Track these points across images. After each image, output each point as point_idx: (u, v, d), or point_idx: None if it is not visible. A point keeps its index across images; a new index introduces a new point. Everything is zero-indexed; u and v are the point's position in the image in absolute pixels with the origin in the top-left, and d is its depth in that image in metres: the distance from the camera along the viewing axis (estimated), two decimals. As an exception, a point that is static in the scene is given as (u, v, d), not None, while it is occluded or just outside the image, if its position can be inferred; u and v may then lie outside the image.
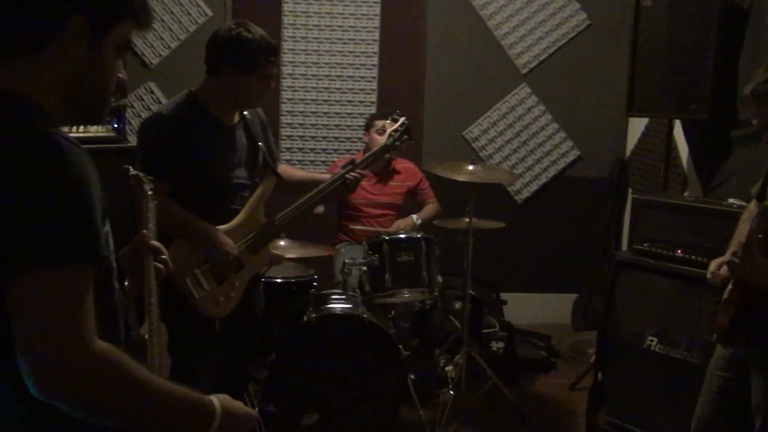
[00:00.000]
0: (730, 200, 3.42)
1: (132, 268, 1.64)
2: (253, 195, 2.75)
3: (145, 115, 4.93)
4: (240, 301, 2.73)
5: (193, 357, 2.60)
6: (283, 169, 3.01)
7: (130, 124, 4.69)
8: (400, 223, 4.23)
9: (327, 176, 3.04)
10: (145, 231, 1.69)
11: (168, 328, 2.53)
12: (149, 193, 1.89)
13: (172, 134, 2.51)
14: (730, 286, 2.29)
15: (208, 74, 2.65)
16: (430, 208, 4.41)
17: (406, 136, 3.15)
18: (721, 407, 2.46)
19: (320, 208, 4.07)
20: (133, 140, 4.54)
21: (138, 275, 1.64)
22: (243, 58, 2.55)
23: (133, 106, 4.85)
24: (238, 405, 1.34)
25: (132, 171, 1.97)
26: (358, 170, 2.92)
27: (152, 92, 4.96)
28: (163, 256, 1.70)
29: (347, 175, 2.90)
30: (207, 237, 2.58)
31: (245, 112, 2.76)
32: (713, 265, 2.39)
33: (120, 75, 1.33)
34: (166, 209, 2.44)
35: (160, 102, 4.96)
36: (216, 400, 1.29)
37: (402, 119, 3.14)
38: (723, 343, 2.42)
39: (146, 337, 1.61)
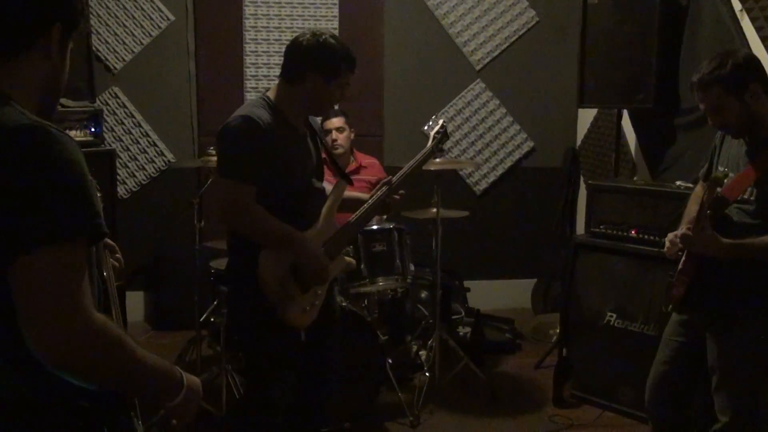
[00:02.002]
0: (678, 182, 3.69)
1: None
2: (328, 201, 2.72)
3: (111, 119, 4.99)
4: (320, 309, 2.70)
5: (278, 367, 2.61)
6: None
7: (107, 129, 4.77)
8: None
9: (361, 195, 2.99)
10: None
11: (253, 342, 2.62)
12: (99, 195, 1.96)
13: (260, 137, 2.45)
14: (683, 258, 2.52)
15: (287, 82, 2.59)
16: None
17: (446, 138, 3.19)
18: (675, 369, 2.67)
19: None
20: (107, 144, 4.64)
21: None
22: (329, 65, 2.55)
23: (102, 112, 4.89)
24: (197, 381, 1.47)
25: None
26: (399, 192, 2.88)
27: (117, 97, 5.02)
28: (117, 255, 1.81)
29: (390, 197, 2.84)
30: (301, 244, 2.52)
31: (309, 120, 2.76)
32: (670, 236, 2.59)
33: None
34: (259, 216, 2.45)
35: (125, 106, 5.03)
36: (183, 373, 1.43)
37: (441, 121, 3.17)
38: (678, 311, 2.64)
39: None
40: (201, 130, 5.13)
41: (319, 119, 3.04)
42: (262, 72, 5.16)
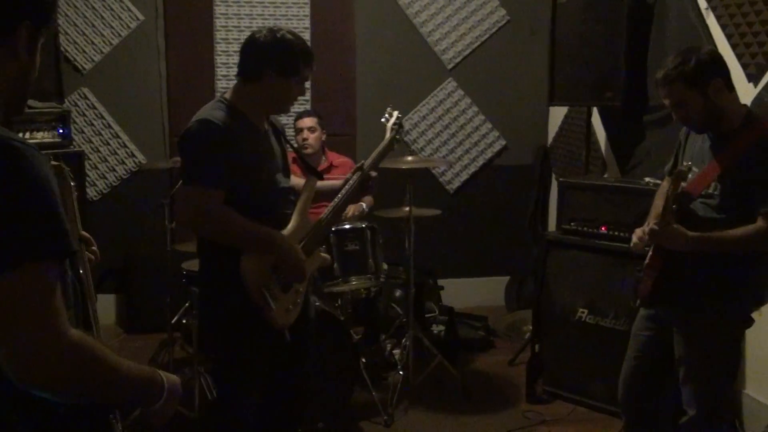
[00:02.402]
0: (646, 179, 3.73)
1: None
2: (300, 198, 2.71)
3: (80, 120, 4.94)
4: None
5: (256, 370, 2.60)
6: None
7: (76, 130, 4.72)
8: (350, 208, 4.24)
9: (334, 182, 3.03)
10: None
11: (238, 345, 2.56)
12: (72, 184, 1.95)
13: (223, 141, 2.41)
14: (650, 253, 2.55)
15: (245, 80, 2.54)
16: (368, 200, 4.52)
17: (402, 129, 3.21)
18: (645, 363, 2.71)
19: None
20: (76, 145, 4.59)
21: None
22: (287, 61, 2.50)
23: (70, 113, 4.84)
24: (176, 380, 1.45)
25: (53, 161, 2.00)
26: (372, 173, 2.91)
27: (86, 98, 4.96)
28: (93, 248, 1.79)
29: (365, 178, 2.87)
30: (281, 244, 2.51)
31: (271, 119, 2.72)
32: (638, 231, 2.63)
33: None
34: (230, 219, 2.42)
35: (94, 107, 4.98)
36: (164, 375, 1.42)
37: (396, 113, 3.19)
38: (646, 306, 2.68)
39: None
40: (172, 131, 5.08)
41: (282, 117, 3.01)
42: (233, 72, 5.04)
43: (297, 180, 2.88)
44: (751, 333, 2.63)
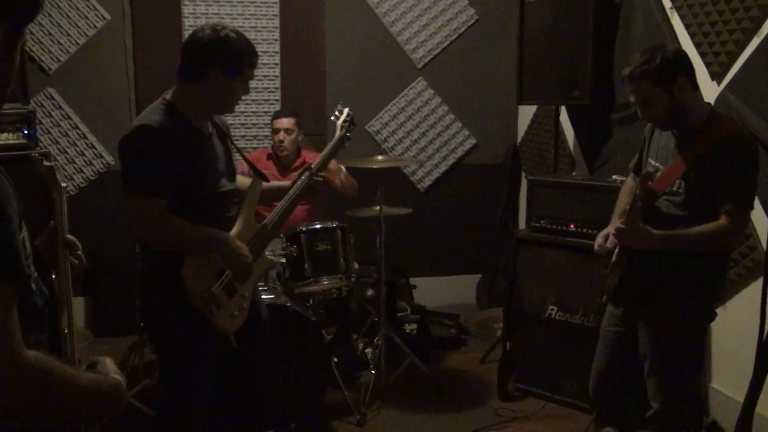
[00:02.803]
0: (614, 177, 3.78)
1: (47, 257, 1.70)
2: (245, 201, 2.66)
3: (46, 122, 4.87)
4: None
5: (202, 375, 2.56)
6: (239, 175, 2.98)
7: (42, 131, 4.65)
8: (333, 164, 4.07)
9: (280, 183, 2.99)
10: (53, 222, 1.73)
11: (181, 349, 2.53)
12: (62, 185, 1.93)
13: (162, 147, 2.35)
14: (616, 251, 2.59)
15: (188, 80, 2.48)
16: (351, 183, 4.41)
17: (353, 126, 3.20)
18: (615, 359, 2.75)
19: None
20: (42, 146, 4.53)
21: (53, 264, 1.69)
22: (231, 60, 2.44)
23: (34, 114, 4.77)
24: (117, 380, 1.42)
25: (45, 162, 1.98)
26: (320, 174, 2.92)
27: (52, 98, 4.89)
28: (78, 252, 1.75)
29: (315, 178, 2.87)
30: (225, 245, 2.46)
31: (215, 119, 2.67)
32: (599, 238, 2.67)
33: None
34: (174, 225, 2.38)
35: (61, 108, 4.91)
36: (121, 377, 1.40)
37: (346, 110, 3.16)
38: (612, 303, 2.72)
39: (65, 331, 1.67)
40: (140, 132, 5.03)
41: (257, 116, 3.00)
42: (202, 72, 5.08)
43: (243, 179, 2.85)
44: (716, 327, 2.69)
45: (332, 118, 3.17)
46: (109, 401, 1.35)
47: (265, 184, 2.79)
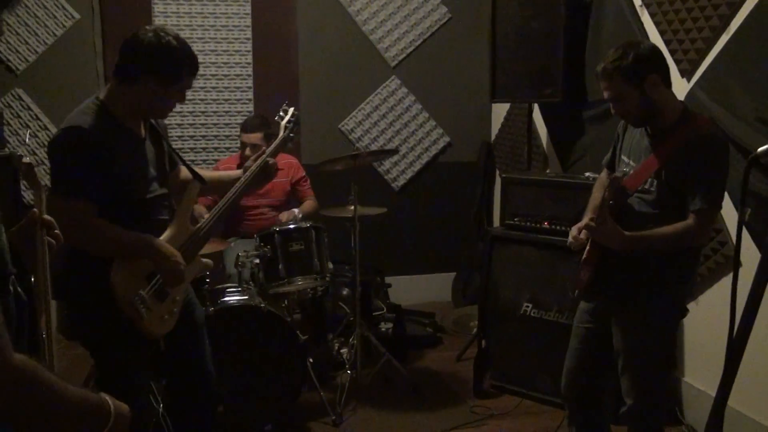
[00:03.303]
0: (587, 174, 3.80)
1: (23, 246, 1.67)
2: (181, 204, 2.60)
3: (15, 123, 4.80)
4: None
5: (136, 378, 2.51)
6: (185, 171, 2.91)
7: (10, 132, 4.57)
8: (283, 216, 4.31)
9: (236, 172, 2.94)
10: (35, 210, 1.70)
11: (109, 353, 2.47)
12: (42, 183, 1.90)
13: (92, 150, 2.27)
14: (588, 247, 2.60)
15: (121, 81, 2.38)
16: (309, 204, 4.50)
17: (297, 126, 3.16)
18: (587, 355, 2.75)
19: (200, 208, 4.08)
20: (10, 148, 4.45)
21: (30, 254, 1.67)
22: (169, 69, 2.36)
23: (1, 114, 4.70)
24: (124, 405, 1.39)
25: (25, 160, 1.95)
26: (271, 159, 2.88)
27: (21, 99, 4.82)
28: (56, 231, 1.73)
29: (268, 161, 2.85)
30: (156, 250, 2.41)
31: (151, 121, 2.60)
32: (574, 230, 2.67)
33: None
34: (105, 230, 2.33)
35: (29, 109, 4.84)
36: (110, 400, 1.35)
37: (291, 110, 3.14)
38: (584, 299, 2.73)
39: (43, 335, 1.64)
40: (111, 132, 4.97)
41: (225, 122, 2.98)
42: (173, 71, 5.04)
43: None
44: (688, 322, 2.71)
45: (276, 118, 3.13)
46: (92, 422, 1.29)
47: (214, 173, 2.79)
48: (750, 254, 2.78)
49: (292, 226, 3.78)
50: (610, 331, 2.64)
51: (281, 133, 3.05)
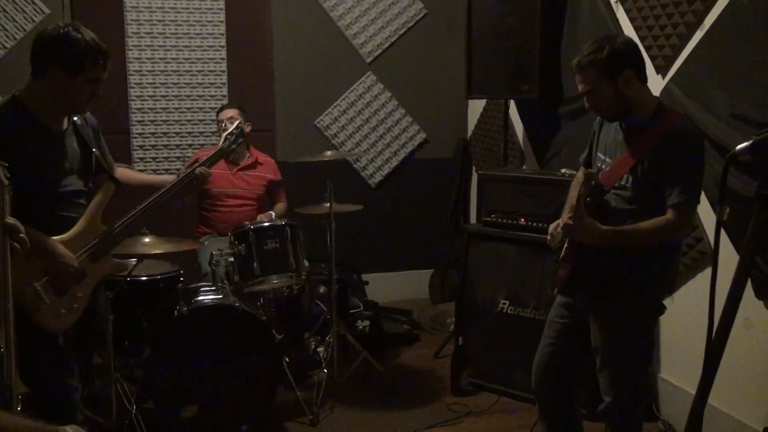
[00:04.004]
0: (563, 170, 3.79)
1: None
2: (92, 203, 2.64)
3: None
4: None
5: (34, 372, 2.42)
6: (122, 172, 2.98)
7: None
8: (261, 217, 4.26)
9: (169, 177, 2.99)
10: None
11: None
12: (6, 182, 1.86)
13: None
14: (565, 245, 2.59)
15: (33, 76, 2.50)
16: (282, 206, 4.51)
17: (241, 139, 3.24)
18: (559, 350, 2.73)
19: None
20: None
21: None
22: (70, 58, 2.44)
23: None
24: (78, 429, 1.37)
25: None
26: (204, 167, 2.96)
27: (-12, 95, 4.72)
28: (21, 235, 1.70)
29: (197, 171, 2.93)
30: (45, 249, 2.45)
31: (75, 118, 2.66)
32: (552, 227, 2.66)
33: None
34: None
35: (-3, 105, 4.74)
36: (71, 429, 1.33)
37: (237, 122, 3.22)
38: (562, 293, 2.71)
39: (2, 349, 1.60)
40: (82, 129, 4.89)
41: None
42: (146, 67, 4.97)
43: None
44: (664, 318, 2.70)
45: (221, 129, 3.22)
46: None
47: (145, 177, 2.94)
48: (726, 252, 2.78)
49: (266, 224, 3.73)
50: (586, 327, 2.63)
51: (221, 143, 3.13)
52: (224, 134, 3.20)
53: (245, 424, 3.45)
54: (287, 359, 3.71)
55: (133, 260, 3.36)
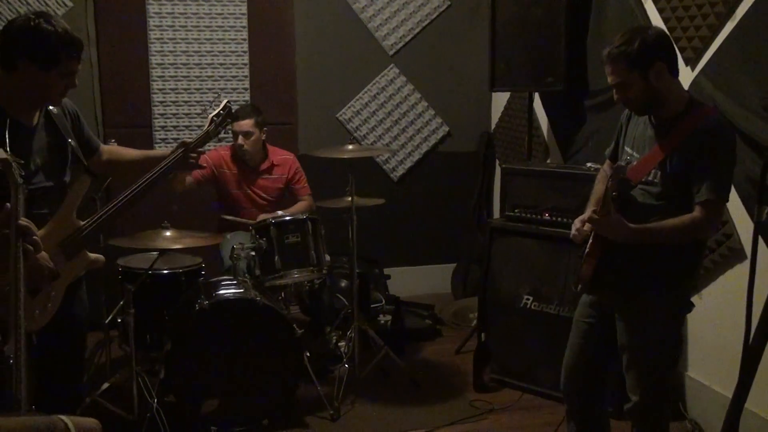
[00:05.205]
0: (588, 164, 3.73)
1: None
2: (66, 198, 2.48)
3: None
4: (58, 309, 2.47)
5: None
6: (110, 152, 2.83)
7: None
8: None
9: (160, 152, 2.81)
10: (8, 204, 1.63)
11: None
12: (21, 181, 1.82)
13: None
14: (590, 240, 2.53)
15: (2, 68, 2.34)
16: (304, 205, 4.37)
17: (229, 120, 3.03)
18: (587, 349, 2.69)
19: (189, 179, 3.94)
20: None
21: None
22: (43, 52, 2.29)
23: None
24: (91, 420, 1.34)
25: (2, 155, 1.88)
26: (198, 151, 2.79)
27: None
28: (34, 237, 1.64)
29: (190, 159, 2.76)
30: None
31: (51, 107, 2.51)
32: (577, 222, 2.61)
33: None
34: None
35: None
36: (67, 419, 1.29)
37: (224, 102, 3.00)
38: (587, 292, 2.66)
39: (11, 360, 1.55)
40: (106, 121, 4.91)
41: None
42: (168, 60, 4.96)
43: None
44: (691, 316, 2.64)
45: (208, 110, 3.02)
46: None
47: (136, 153, 2.78)
48: (759, 251, 2.71)
49: (288, 218, 3.71)
50: (612, 325, 2.58)
51: (206, 126, 2.92)
52: (210, 116, 2.97)
53: (266, 418, 3.44)
54: (308, 354, 3.69)
55: (154, 253, 3.38)
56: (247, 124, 4.19)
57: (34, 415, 1.25)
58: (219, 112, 2.97)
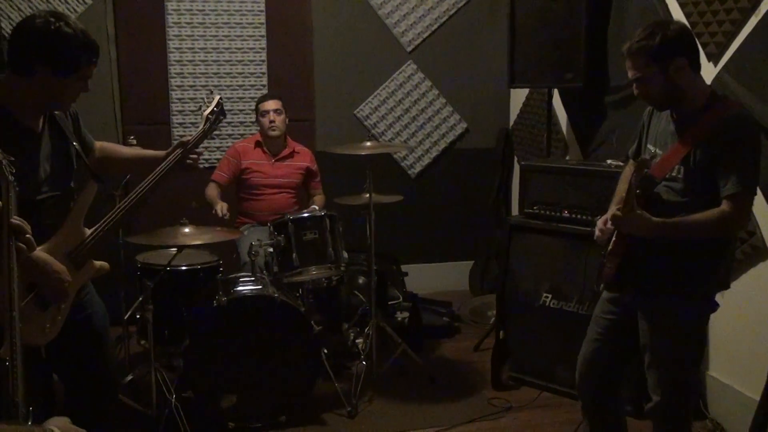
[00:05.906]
0: (608, 161, 3.69)
1: None
2: (74, 207, 2.39)
3: None
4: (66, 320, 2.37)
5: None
6: (101, 147, 2.71)
7: None
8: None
9: (156, 152, 2.73)
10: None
11: None
12: (12, 179, 1.78)
13: None
14: (614, 238, 2.50)
15: (14, 72, 2.21)
16: (320, 199, 4.54)
17: (222, 117, 2.94)
18: (605, 346, 2.66)
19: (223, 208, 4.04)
20: None
21: None
22: (64, 58, 2.19)
23: None
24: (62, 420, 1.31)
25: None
26: (196, 151, 2.72)
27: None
28: (27, 236, 1.61)
29: (188, 160, 2.68)
30: (39, 265, 2.18)
31: (54, 113, 2.40)
32: (599, 223, 2.57)
33: None
34: None
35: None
36: (55, 427, 1.28)
37: (216, 98, 2.93)
38: (610, 290, 2.63)
39: (6, 363, 1.51)
40: (125, 118, 4.93)
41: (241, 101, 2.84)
42: (186, 57, 4.97)
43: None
44: (714, 315, 2.60)
45: (203, 108, 2.91)
46: None
47: (130, 152, 2.72)
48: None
49: (306, 215, 3.71)
50: (633, 324, 2.55)
51: (202, 125, 2.84)
52: (205, 114, 2.87)
53: (283, 414, 3.45)
54: (326, 350, 3.69)
55: (173, 250, 3.38)
56: (275, 103, 4.39)
57: (32, 415, 1.24)
58: (213, 109, 2.90)
